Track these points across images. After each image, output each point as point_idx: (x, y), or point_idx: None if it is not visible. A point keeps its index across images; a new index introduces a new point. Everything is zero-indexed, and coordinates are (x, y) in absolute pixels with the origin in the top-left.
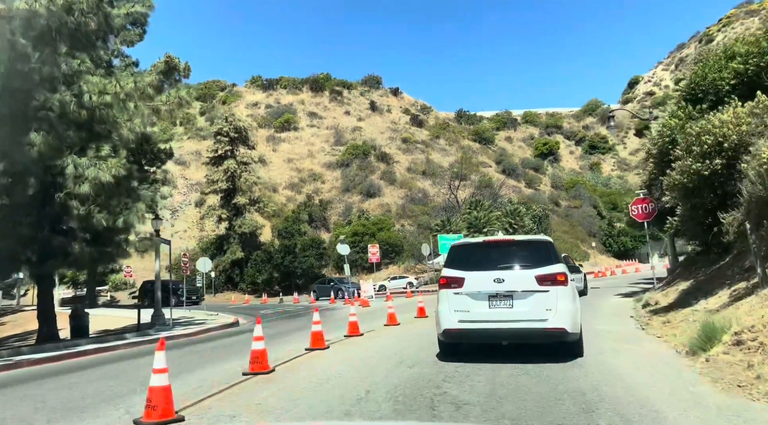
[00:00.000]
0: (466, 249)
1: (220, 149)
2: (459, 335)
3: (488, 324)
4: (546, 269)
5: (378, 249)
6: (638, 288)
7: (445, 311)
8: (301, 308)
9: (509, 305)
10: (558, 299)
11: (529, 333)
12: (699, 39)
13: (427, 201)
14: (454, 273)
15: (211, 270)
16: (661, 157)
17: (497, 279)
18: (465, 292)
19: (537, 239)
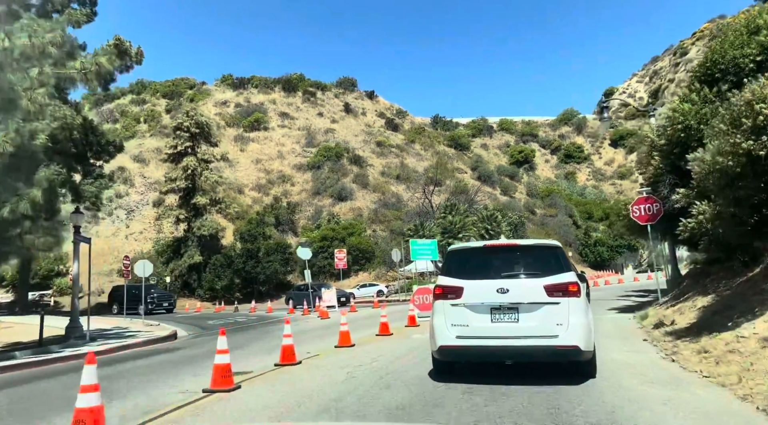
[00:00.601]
0: (464, 255)
1: (180, 145)
2: (456, 353)
3: (490, 340)
4: (556, 278)
5: (345, 254)
6: (631, 301)
7: (440, 325)
8: (254, 319)
9: (514, 319)
10: (570, 312)
11: (537, 351)
12: (673, 52)
13: (400, 206)
14: (452, 281)
15: (166, 275)
16: (671, 147)
17: (501, 289)
18: (464, 304)
19: (545, 243)
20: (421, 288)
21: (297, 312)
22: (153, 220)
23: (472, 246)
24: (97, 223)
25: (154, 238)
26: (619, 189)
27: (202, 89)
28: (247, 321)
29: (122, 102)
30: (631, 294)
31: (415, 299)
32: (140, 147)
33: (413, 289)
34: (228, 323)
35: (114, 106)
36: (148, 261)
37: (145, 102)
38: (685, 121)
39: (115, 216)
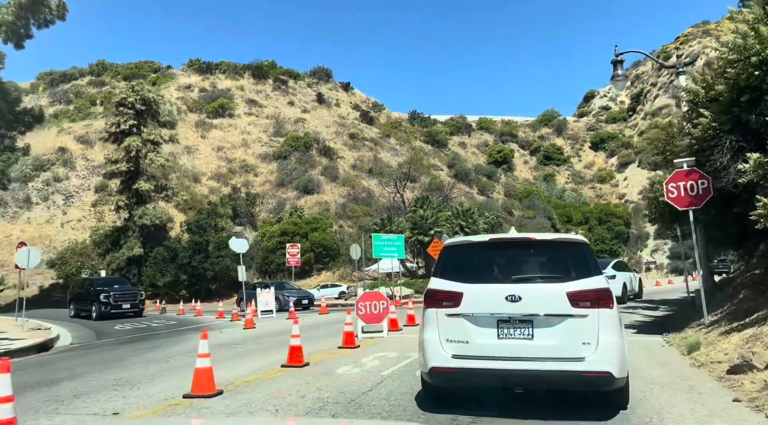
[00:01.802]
0: (464, 252)
1: (123, 123)
2: (452, 377)
3: (496, 362)
4: (583, 283)
5: (299, 250)
6: (639, 314)
7: (432, 340)
8: (173, 324)
9: (528, 335)
10: (601, 328)
11: (557, 377)
12: (657, 55)
13: (371, 201)
14: (448, 285)
15: (101, 269)
16: (735, 94)
17: (511, 296)
18: (463, 314)
19: (569, 239)
20: (368, 292)
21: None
22: (99, 208)
23: (474, 240)
24: (30, 209)
25: (93, 227)
26: (599, 192)
27: (166, 73)
28: (163, 325)
29: (79, 83)
30: (633, 305)
31: (360, 307)
32: (87, 127)
33: (382, 290)
34: (137, 328)
35: (70, 86)
36: (34, 248)
37: (105, 84)
38: (764, 51)
39: (51, 201)
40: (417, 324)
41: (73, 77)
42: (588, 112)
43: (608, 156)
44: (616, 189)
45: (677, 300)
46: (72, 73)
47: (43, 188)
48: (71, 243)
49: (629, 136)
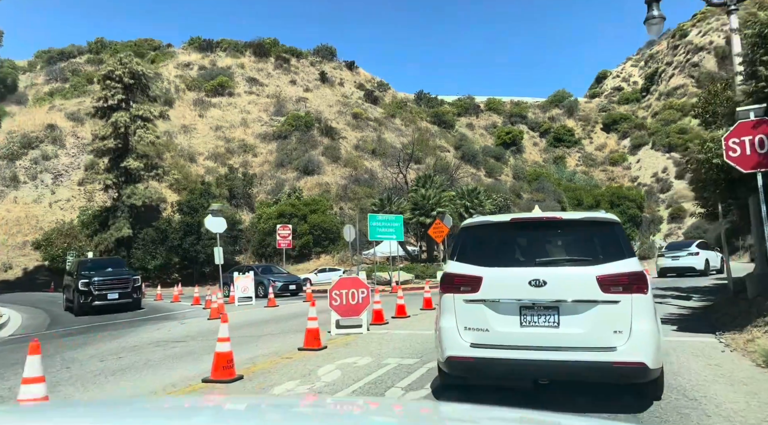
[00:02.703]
0: (484, 233)
1: (111, 98)
2: (471, 366)
3: (519, 351)
4: (615, 266)
5: (290, 231)
6: (675, 305)
7: (449, 328)
8: (140, 312)
9: (553, 322)
10: (634, 315)
11: (586, 368)
12: (672, 34)
13: (374, 183)
14: (466, 268)
15: (89, 251)
16: None
17: (535, 280)
18: (483, 300)
19: (598, 218)
20: (344, 279)
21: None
22: (84, 187)
23: (494, 220)
24: (17, 188)
25: (82, 207)
26: (611, 175)
27: (166, 51)
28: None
29: (77, 61)
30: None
31: (334, 297)
32: (80, 105)
33: (360, 275)
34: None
35: (66, 64)
36: None
37: (103, 62)
38: None
39: (39, 180)
40: (407, 317)
41: (72, 55)
42: (600, 93)
43: (620, 138)
44: (629, 171)
45: (710, 288)
46: (70, 50)
47: (31, 166)
48: (58, 223)
49: (643, 118)
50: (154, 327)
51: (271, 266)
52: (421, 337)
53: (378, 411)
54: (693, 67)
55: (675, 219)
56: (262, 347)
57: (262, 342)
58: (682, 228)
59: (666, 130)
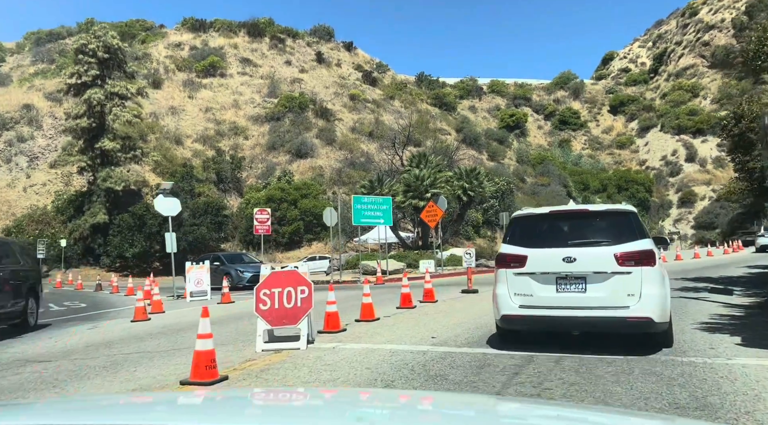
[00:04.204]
0: (529, 222)
1: (84, 74)
2: (520, 322)
3: (555, 310)
4: (628, 246)
5: (269, 215)
6: (716, 302)
7: (503, 294)
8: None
9: (581, 289)
10: (643, 282)
11: (606, 322)
12: (681, 13)
13: (370, 166)
14: (515, 250)
15: (62, 238)
16: None
17: (567, 257)
18: (527, 273)
19: (617, 209)
20: (277, 273)
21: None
22: (62, 171)
23: (537, 212)
24: None
25: (58, 192)
26: (618, 159)
27: (158, 32)
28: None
29: (66, 42)
30: (692, 285)
31: (262, 299)
32: (59, 84)
33: (300, 266)
34: None
35: (54, 45)
36: None
37: None
38: None
39: (13, 163)
40: (375, 320)
41: (61, 36)
42: (606, 75)
43: (628, 120)
44: (636, 155)
45: (747, 278)
46: (59, 31)
47: (5, 149)
48: (33, 209)
49: (651, 99)
50: (47, 336)
51: (242, 254)
52: (382, 356)
53: None
54: (704, 47)
55: (685, 204)
56: (132, 375)
57: (145, 365)
58: (693, 213)
59: (676, 111)
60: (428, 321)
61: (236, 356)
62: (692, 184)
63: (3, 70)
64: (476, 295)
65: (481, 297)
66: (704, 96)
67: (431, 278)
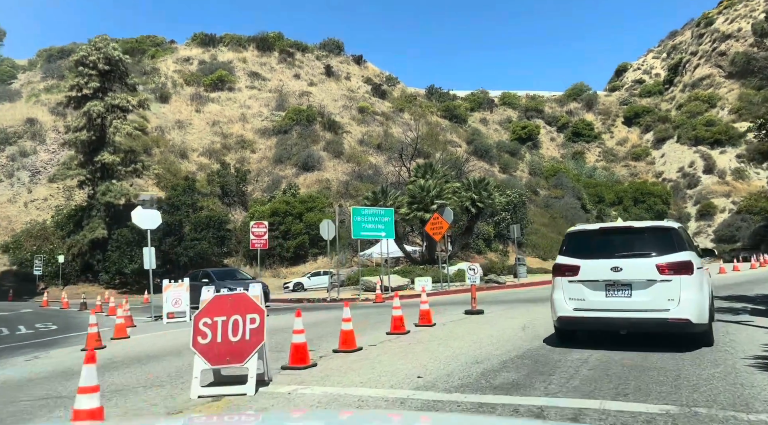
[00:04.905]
0: (581, 237)
1: (84, 86)
2: (574, 322)
3: (605, 312)
4: (668, 258)
5: (266, 228)
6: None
7: (559, 299)
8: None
9: (627, 294)
10: (682, 288)
11: (649, 323)
12: (696, 23)
13: (378, 179)
14: (569, 260)
15: (60, 254)
16: None
17: (614, 267)
18: (580, 280)
19: (659, 225)
20: (221, 297)
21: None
22: (61, 185)
23: (588, 228)
24: None
25: (58, 207)
26: (634, 171)
27: (167, 47)
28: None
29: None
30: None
31: (201, 330)
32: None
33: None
34: None
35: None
36: None
37: None
38: None
39: (15, 178)
40: (356, 350)
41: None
42: (620, 86)
43: (643, 131)
44: (652, 167)
45: None
46: (71, 48)
47: (7, 163)
48: (33, 225)
49: (666, 110)
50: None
51: (235, 270)
52: (346, 406)
53: None
54: (720, 56)
55: (704, 217)
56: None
57: None
58: (712, 226)
59: (692, 122)
60: (419, 352)
61: (165, 404)
62: (711, 196)
63: (14, 86)
64: (481, 317)
65: (486, 319)
66: (722, 106)
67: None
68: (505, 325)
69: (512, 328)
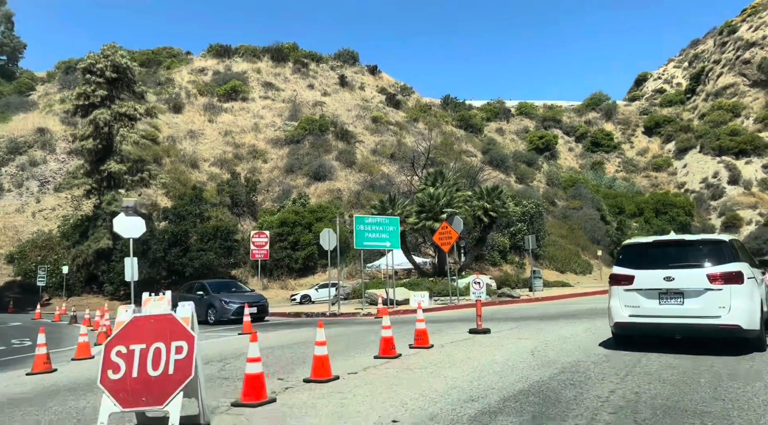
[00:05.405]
0: (635, 249)
1: (92, 94)
2: (629, 328)
3: (658, 318)
4: (719, 268)
5: (267, 238)
6: None
7: (615, 306)
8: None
9: (680, 302)
10: (732, 297)
11: (701, 329)
12: (719, 31)
13: (390, 188)
14: (624, 271)
15: (64, 264)
16: None
17: (667, 277)
18: (635, 289)
19: (710, 238)
20: (139, 319)
21: None
22: (69, 194)
23: (642, 241)
24: (0, 196)
25: (64, 216)
26: (655, 182)
27: (183, 58)
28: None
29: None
30: None
31: (114, 361)
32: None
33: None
34: None
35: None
36: None
37: None
38: None
39: (24, 188)
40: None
41: None
42: (640, 96)
43: (664, 141)
44: (674, 177)
45: None
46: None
47: (17, 173)
48: (39, 235)
49: (688, 120)
50: None
51: (233, 282)
52: None
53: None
54: (744, 65)
55: (729, 229)
56: None
57: None
58: (739, 238)
59: (716, 132)
60: (404, 384)
61: None
62: (736, 208)
63: (32, 97)
64: (486, 338)
65: (491, 341)
66: (746, 115)
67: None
68: (512, 348)
69: (520, 352)
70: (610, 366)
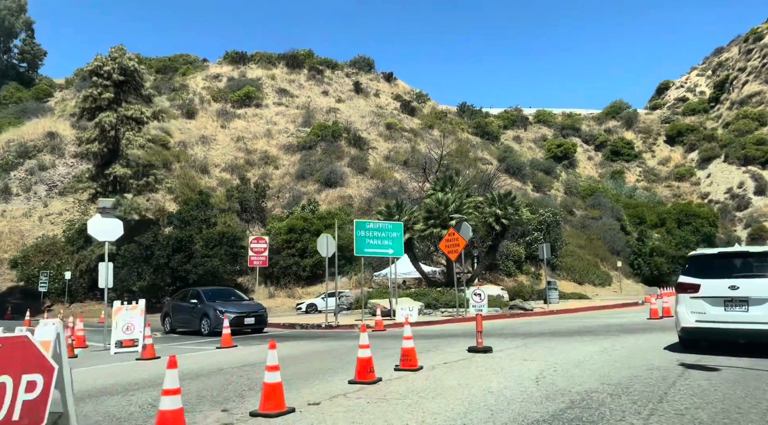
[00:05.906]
0: (701, 259)
1: (98, 97)
2: (696, 332)
3: (723, 324)
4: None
5: (266, 244)
6: None
7: (683, 312)
8: None
9: (744, 309)
10: None
11: (764, 334)
12: (744, 39)
13: (402, 195)
14: (690, 280)
15: (67, 270)
16: None
17: (732, 286)
18: (701, 297)
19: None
20: None
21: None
22: (76, 198)
23: (708, 252)
24: (7, 200)
25: (70, 221)
26: (677, 191)
27: (199, 65)
28: None
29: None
30: None
31: None
32: None
33: (37, 334)
34: None
35: None
36: None
37: None
38: None
39: (32, 192)
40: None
41: None
42: (662, 104)
43: (687, 150)
44: (698, 187)
45: None
46: None
47: (25, 177)
48: (44, 239)
49: (712, 129)
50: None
51: (230, 290)
52: None
53: None
54: None
55: (756, 241)
56: None
57: None
58: None
59: (741, 141)
60: (373, 421)
61: None
62: (763, 219)
63: (48, 104)
64: (486, 358)
65: (491, 363)
66: None
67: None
68: (513, 373)
69: (522, 379)
70: (630, 399)
